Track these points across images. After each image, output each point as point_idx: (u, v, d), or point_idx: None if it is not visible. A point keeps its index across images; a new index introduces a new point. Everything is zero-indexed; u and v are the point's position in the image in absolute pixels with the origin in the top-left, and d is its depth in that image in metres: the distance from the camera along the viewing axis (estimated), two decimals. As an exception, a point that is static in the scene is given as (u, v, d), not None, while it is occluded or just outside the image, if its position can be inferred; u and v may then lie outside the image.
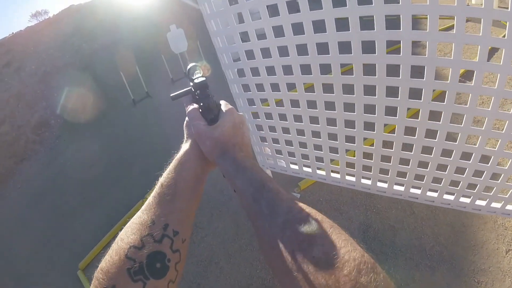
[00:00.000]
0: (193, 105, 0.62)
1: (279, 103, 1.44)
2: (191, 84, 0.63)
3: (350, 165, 1.47)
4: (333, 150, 1.45)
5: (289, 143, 1.60)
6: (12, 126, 7.81)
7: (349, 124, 1.28)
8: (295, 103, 1.38)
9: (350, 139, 1.34)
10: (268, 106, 1.48)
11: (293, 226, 0.37)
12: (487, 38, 0.80)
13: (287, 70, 1.26)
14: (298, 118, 1.43)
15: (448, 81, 0.92)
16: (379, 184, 1.48)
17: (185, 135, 0.62)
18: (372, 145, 1.29)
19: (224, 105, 0.63)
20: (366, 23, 0.98)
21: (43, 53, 8.95)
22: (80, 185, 4.62)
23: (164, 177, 0.53)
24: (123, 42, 6.94)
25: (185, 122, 0.63)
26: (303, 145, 1.54)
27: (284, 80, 1.31)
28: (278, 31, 1.17)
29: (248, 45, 1.31)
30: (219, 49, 1.47)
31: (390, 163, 1.33)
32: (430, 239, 2.09)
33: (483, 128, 1.00)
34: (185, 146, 0.59)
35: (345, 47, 1.06)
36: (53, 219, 4.13)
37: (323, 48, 1.10)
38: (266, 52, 1.28)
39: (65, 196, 4.56)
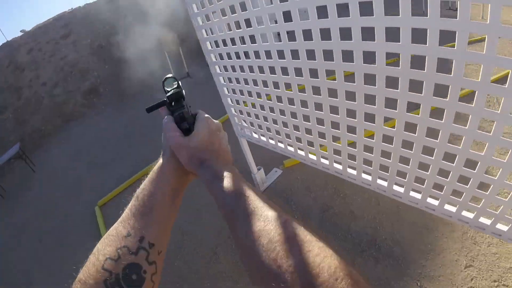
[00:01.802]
0: (168, 117, 0.61)
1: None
2: (166, 95, 0.63)
3: (325, 148, 1.58)
4: (310, 132, 1.58)
5: (265, 119, 1.81)
6: (64, 90, 8.67)
7: (334, 110, 1.37)
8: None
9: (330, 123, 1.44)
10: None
11: (268, 234, 0.38)
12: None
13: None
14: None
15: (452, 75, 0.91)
16: (349, 170, 1.55)
17: (162, 148, 0.61)
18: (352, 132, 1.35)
19: (200, 114, 0.62)
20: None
21: (99, 29, 9.70)
22: (117, 144, 5.40)
23: (140, 190, 0.54)
24: (171, 26, 7.41)
25: (162, 134, 0.62)
26: (284, 124, 1.71)
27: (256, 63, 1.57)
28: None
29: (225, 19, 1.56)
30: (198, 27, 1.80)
31: (355, 149, 1.39)
32: (385, 232, 2.04)
33: (466, 127, 0.97)
34: (162, 158, 0.59)
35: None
36: (88, 169, 4.88)
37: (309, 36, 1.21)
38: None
39: (102, 152, 5.31)
